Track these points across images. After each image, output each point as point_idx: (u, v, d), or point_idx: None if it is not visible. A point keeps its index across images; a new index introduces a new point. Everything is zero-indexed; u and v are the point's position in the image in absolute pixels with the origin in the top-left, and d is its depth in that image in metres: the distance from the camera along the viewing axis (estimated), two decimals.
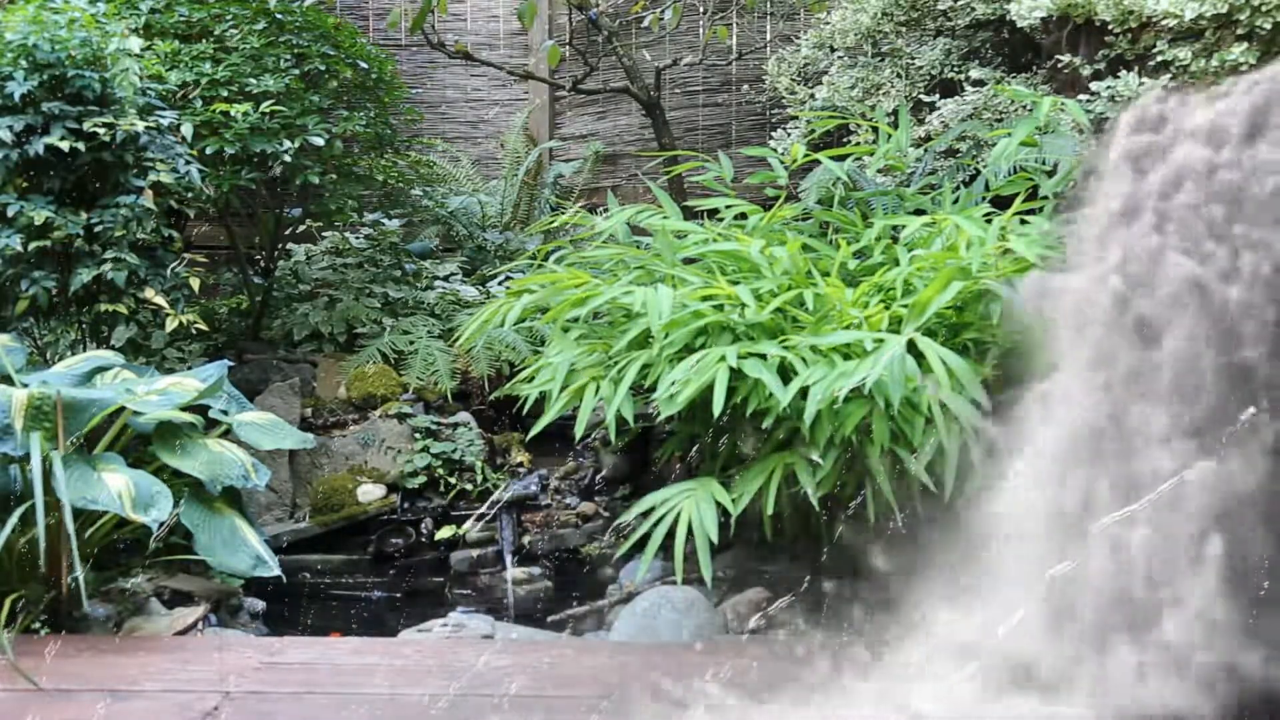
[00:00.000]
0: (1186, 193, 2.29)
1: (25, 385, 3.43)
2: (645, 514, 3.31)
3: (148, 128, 4.11)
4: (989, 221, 3.68)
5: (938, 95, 5.16)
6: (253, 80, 4.88)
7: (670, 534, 3.20)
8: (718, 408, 3.14)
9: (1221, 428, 2.20)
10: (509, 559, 4.61)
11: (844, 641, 3.05)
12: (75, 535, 3.13)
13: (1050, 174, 4.00)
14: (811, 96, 5.61)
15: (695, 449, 3.94)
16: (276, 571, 3.51)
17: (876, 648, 2.89)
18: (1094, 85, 4.30)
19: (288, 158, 4.79)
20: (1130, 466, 2.33)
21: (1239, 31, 4.09)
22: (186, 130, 4.44)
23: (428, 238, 6.51)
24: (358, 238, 6.20)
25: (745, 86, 6.97)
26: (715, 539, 3.15)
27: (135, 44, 4.17)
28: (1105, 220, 2.43)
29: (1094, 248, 2.45)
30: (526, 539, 4.71)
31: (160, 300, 4.13)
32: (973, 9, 5.12)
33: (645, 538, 3.27)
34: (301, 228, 5.82)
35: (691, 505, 3.22)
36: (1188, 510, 2.24)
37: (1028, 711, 2.43)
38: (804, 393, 3.13)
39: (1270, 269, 2.19)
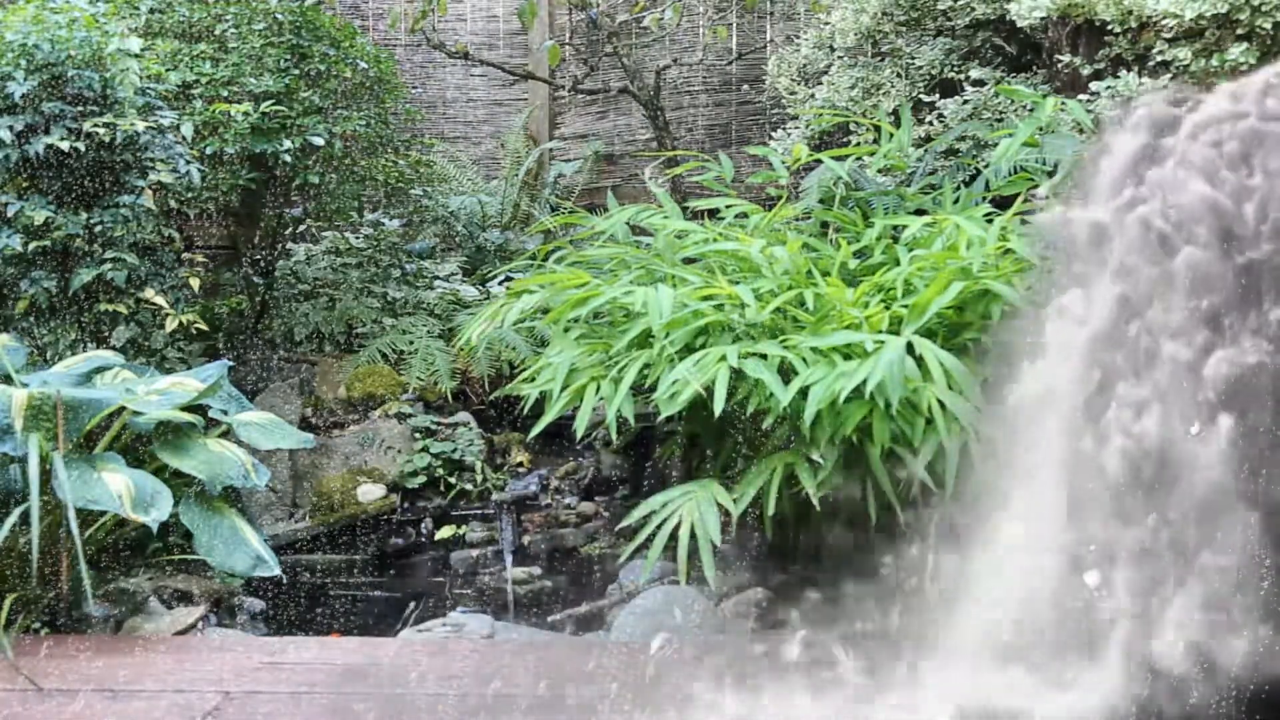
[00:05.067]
0: (1209, 134, 2.49)
1: (25, 385, 3.43)
2: (647, 516, 3.31)
3: (148, 128, 4.11)
4: (990, 221, 3.69)
5: (938, 95, 5.16)
6: (253, 80, 4.88)
7: (673, 536, 3.20)
8: (718, 408, 3.13)
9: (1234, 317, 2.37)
10: (509, 559, 4.61)
11: (846, 639, 3.05)
12: (78, 535, 3.13)
13: (1051, 174, 4.00)
14: (812, 96, 5.61)
15: (695, 449, 3.93)
16: (276, 571, 3.50)
17: (879, 644, 2.89)
18: (1094, 85, 4.30)
19: (288, 157, 4.79)
20: (1149, 364, 2.42)
21: (1239, 31, 4.09)
22: (186, 130, 4.43)
23: (427, 238, 6.51)
24: (358, 238, 6.20)
25: (745, 86, 6.97)
26: (717, 541, 3.14)
27: (135, 44, 4.16)
28: (1126, 160, 2.54)
29: (1117, 181, 2.56)
30: (526, 539, 4.71)
31: (160, 300, 4.13)
32: (973, 9, 5.12)
33: (649, 540, 3.26)
34: (301, 228, 5.82)
35: (693, 508, 3.22)
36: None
37: (1032, 699, 2.43)
38: (804, 393, 3.13)
39: None
